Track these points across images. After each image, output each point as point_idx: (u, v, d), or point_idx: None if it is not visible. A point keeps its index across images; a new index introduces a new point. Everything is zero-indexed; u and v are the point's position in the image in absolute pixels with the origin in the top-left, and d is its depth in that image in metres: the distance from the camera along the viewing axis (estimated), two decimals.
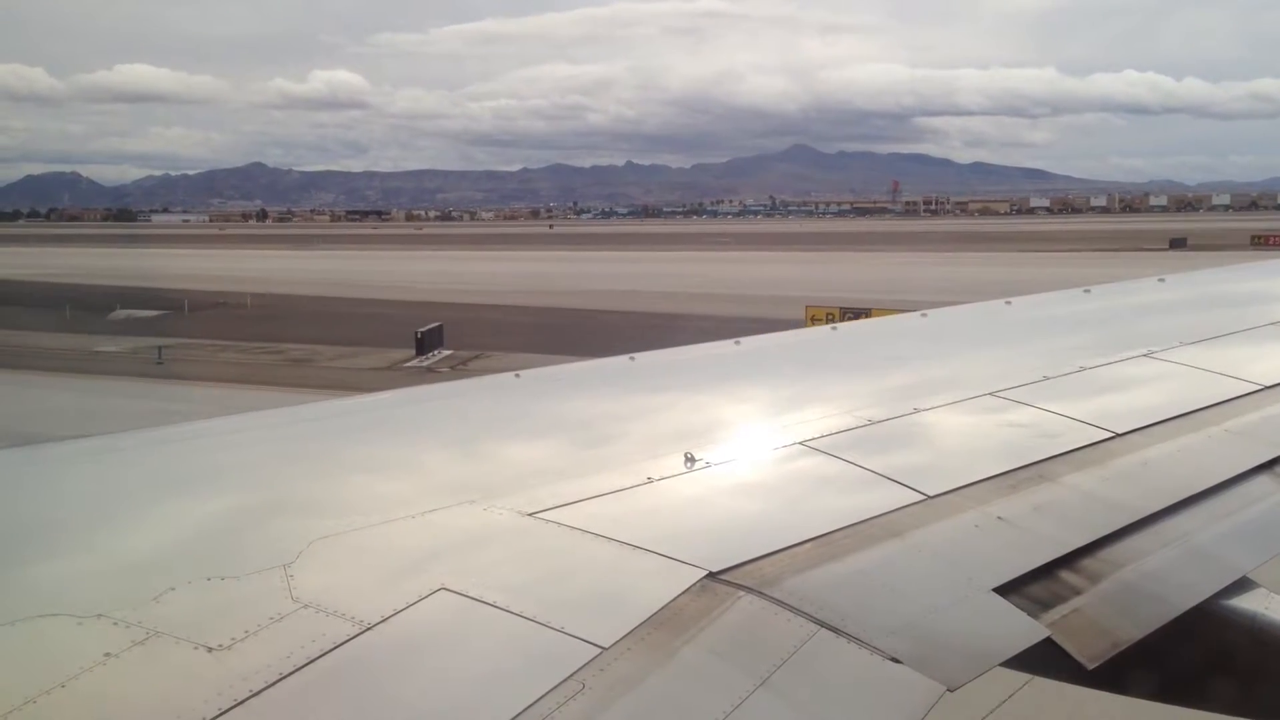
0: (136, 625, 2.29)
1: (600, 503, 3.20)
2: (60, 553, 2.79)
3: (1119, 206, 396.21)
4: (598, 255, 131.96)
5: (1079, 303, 7.82)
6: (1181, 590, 3.39)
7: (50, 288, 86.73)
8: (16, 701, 2.02)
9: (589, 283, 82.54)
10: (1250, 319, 6.73)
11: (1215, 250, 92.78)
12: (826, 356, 6.00)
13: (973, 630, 2.91)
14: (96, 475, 3.53)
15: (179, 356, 48.05)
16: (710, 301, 61.48)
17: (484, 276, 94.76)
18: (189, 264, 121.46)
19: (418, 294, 76.87)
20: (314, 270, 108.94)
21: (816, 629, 2.68)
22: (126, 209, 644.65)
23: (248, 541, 2.86)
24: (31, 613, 2.33)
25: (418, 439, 4.04)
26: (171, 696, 2.12)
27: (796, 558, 3.01)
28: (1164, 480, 4.03)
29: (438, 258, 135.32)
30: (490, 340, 49.02)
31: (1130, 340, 5.94)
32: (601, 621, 2.53)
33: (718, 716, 2.33)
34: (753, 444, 3.92)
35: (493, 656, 2.42)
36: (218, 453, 3.79)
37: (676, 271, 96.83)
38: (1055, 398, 4.70)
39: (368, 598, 2.51)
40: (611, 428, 4.27)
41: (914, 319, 7.13)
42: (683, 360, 5.76)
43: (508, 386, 4.92)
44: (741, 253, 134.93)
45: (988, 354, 6.08)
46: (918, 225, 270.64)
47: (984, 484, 3.71)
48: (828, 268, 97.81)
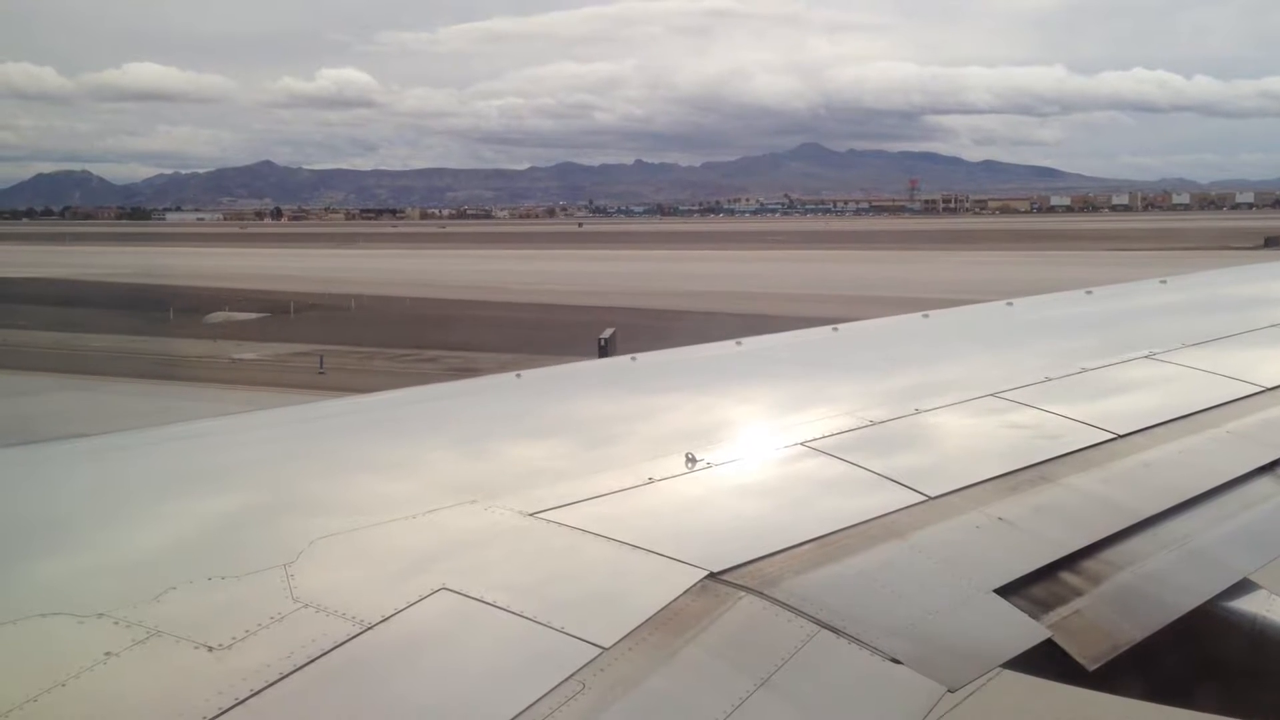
0: (137, 624, 2.30)
1: (601, 503, 3.19)
2: (62, 552, 2.80)
3: (1140, 205, 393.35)
4: (666, 254, 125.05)
5: (1081, 304, 7.82)
6: (1182, 592, 3.40)
7: (121, 288, 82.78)
8: (18, 700, 2.04)
9: (691, 283, 77.90)
10: (1252, 321, 6.70)
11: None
12: (828, 357, 5.99)
13: (973, 631, 2.92)
14: (98, 475, 3.53)
15: (332, 365, 43.59)
16: (850, 304, 58.45)
17: (572, 276, 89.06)
18: (242, 262, 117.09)
19: (515, 294, 72.60)
20: (386, 270, 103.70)
21: (817, 630, 2.69)
22: (140, 208, 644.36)
23: (248, 541, 2.87)
24: (33, 612, 2.34)
25: (419, 439, 4.05)
26: (172, 695, 2.13)
27: (797, 558, 3.01)
28: (1165, 482, 4.04)
29: (500, 257, 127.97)
30: (660, 346, 45.56)
31: (1132, 342, 5.93)
32: (602, 622, 2.53)
33: (718, 717, 2.33)
34: (754, 445, 3.91)
35: (493, 656, 2.43)
36: (218, 452, 3.79)
37: (772, 272, 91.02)
38: (1057, 399, 4.68)
39: (368, 597, 2.51)
40: (613, 428, 4.27)
41: (916, 320, 7.08)
42: (684, 361, 5.80)
43: (509, 387, 4.93)
44: (808, 251, 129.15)
45: (990, 355, 6.08)
46: (961, 223, 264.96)
47: (985, 485, 3.71)
48: (914, 267, 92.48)
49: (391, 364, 45.74)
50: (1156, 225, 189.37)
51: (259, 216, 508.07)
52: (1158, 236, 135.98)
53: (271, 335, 55.06)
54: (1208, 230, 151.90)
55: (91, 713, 2.07)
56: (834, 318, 7.23)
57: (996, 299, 7.83)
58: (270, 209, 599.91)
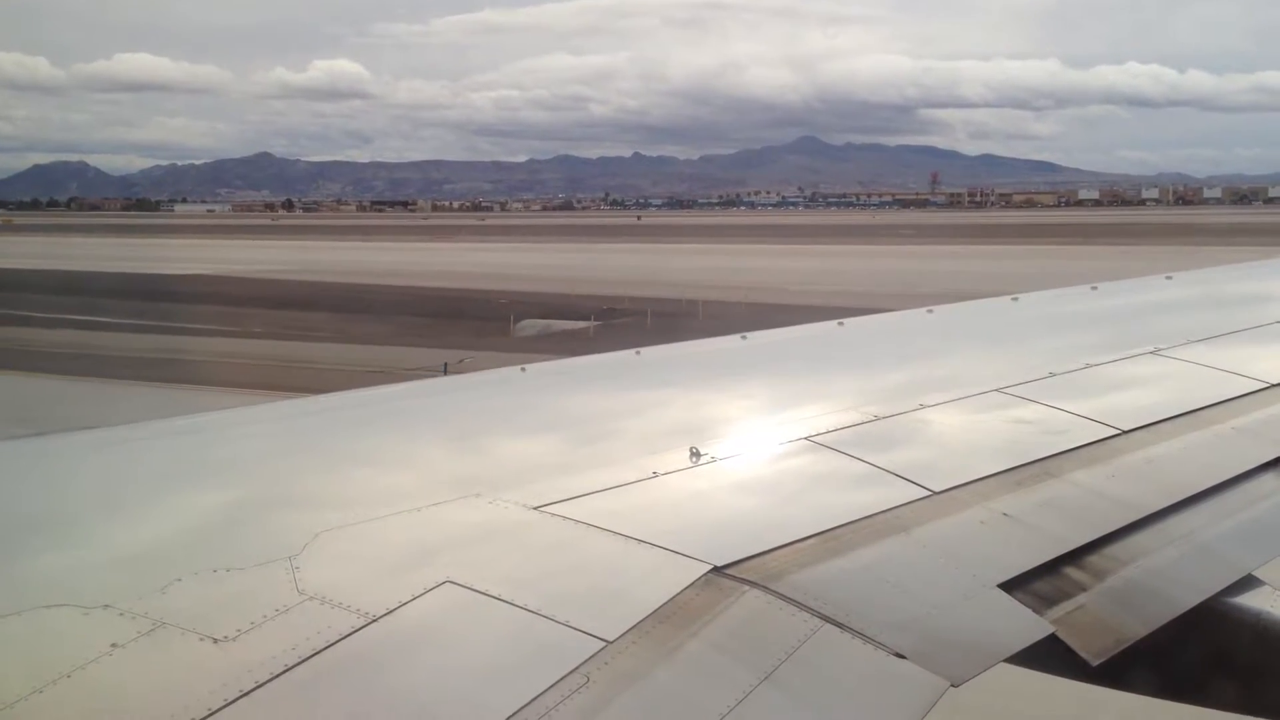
0: (143, 616, 2.31)
1: (605, 497, 3.19)
2: (67, 544, 2.80)
3: (1172, 199, 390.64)
4: (767, 249, 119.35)
5: (1086, 300, 7.80)
6: (1187, 588, 3.39)
7: (338, 289, 74.93)
8: (24, 691, 2.05)
9: (831, 281, 70.42)
10: (1257, 317, 6.69)
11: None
12: (833, 352, 5.95)
13: (977, 626, 2.92)
14: (103, 467, 3.53)
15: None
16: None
17: (812, 274, 78.93)
18: (365, 257, 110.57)
19: (796, 295, 61.27)
20: (605, 266, 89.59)
21: (821, 624, 2.68)
22: (146, 199, 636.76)
23: (254, 534, 2.88)
24: (39, 603, 2.35)
25: (423, 433, 4.04)
26: (177, 687, 2.13)
27: (801, 553, 3.00)
28: (1170, 478, 4.03)
29: (659, 252, 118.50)
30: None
31: (1137, 338, 5.91)
32: (606, 615, 2.53)
33: (722, 711, 2.33)
34: (758, 439, 3.89)
35: (497, 649, 2.43)
36: (224, 445, 3.79)
37: (901, 268, 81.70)
38: (1062, 395, 4.66)
39: (373, 590, 2.51)
40: (617, 422, 4.27)
41: (920, 315, 6.98)
42: (688, 355, 5.78)
43: (513, 381, 4.91)
44: (895, 246, 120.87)
45: (994, 350, 6.06)
46: (1012, 217, 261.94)
47: (990, 480, 3.70)
48: (1044, 262, 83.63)
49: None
50: (1212, 220, 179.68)
51: (269, 209, 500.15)
52: (1225, 232, 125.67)
53: (607, 346, 47.84)
54: (1264, 225, 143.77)
55: (97, 704, 2.08)
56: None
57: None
58: (282, 201, 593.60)
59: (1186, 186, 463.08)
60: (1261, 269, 10.44)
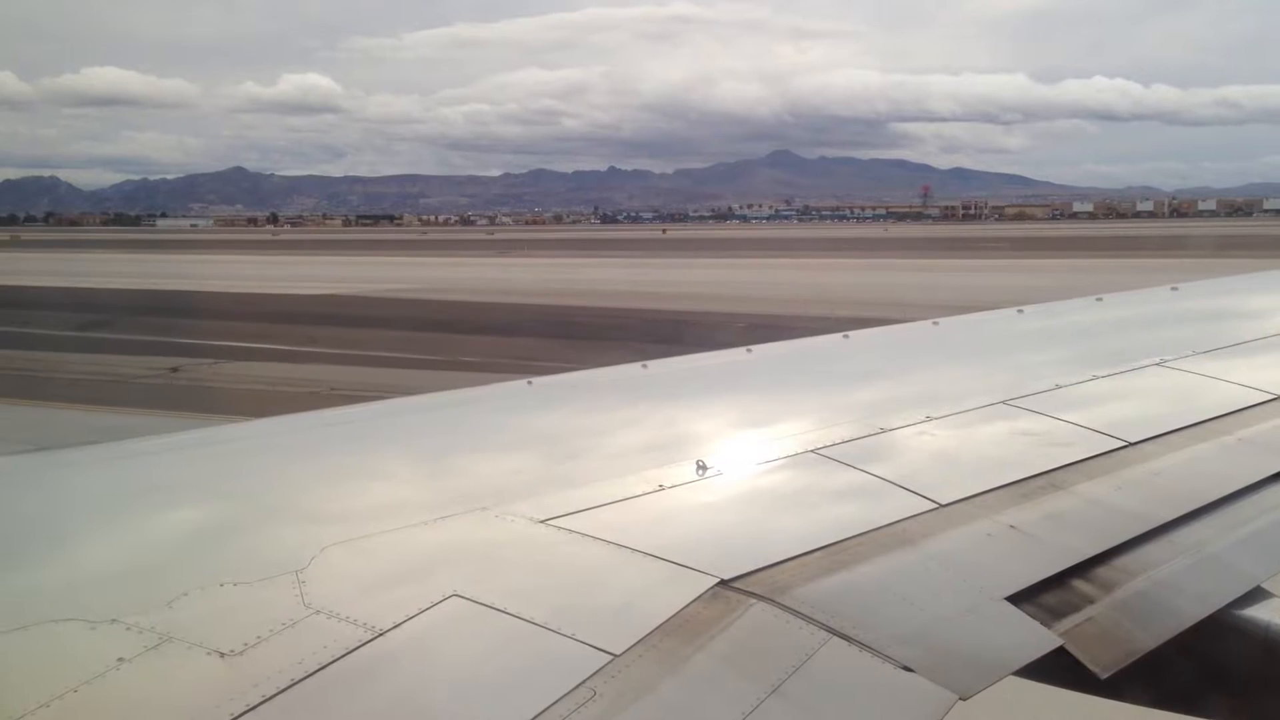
0: (149, 630, 2.31)
1: (612, 510, 3.19)
2: (74, 557, 2.81)
3: (1167, 212, 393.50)
4: (848, 263, 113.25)
5: (1091, 311, 7.77)
6: (1195, 600, 3.38)
7: (483, 308, 66.78)
8: (30, 705, 2.04)
9: (933, 294, 65.09)
10: (1264, 328, 6.67)
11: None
12: (838, 365, 5.95)
13: (985, 639, 2.91)
14: (110, 481, 3.54)
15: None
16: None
17: (832, 288, 74.11)
18: (411, 274, 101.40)
19: (948, 308, 60.94)
20: (716, 281, 79.85)
21: (828, 637, 2.69)
22: (123, 213, 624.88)
23: (260, 547, 2.88)
24: (45, 617, 2.35)
25: (430, 446, 4.04)
26: (184, 701, 2.14)
27: (808, 566, 3.01)
28: (1177, 489, 4.01)
29: (726, 266, 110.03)
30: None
31: (1143, 349, 5.86)
32: (613, 629, 2.54)
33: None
34: (764, 451, 3.88)
35: (504, 663, 2.43)
36: (231, 459, 3.80)
37: (980, 284, 78.02)
38: (1068, 406, 4.64)
39: (379, 604, 2.52)
40: (623, 435, 4.26)
41: (926, 327, 7.02)
42: (694, 368, 5.78)
43: (520, 394, 4.90)
44: (949, 260, 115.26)
45: (1000, 362, 6.04)
46: (1019, 230, 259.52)
47: (996, 492, 3.69)
48: (1107, 276, 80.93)
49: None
50: (1217, 231, 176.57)
51: (251, 223, 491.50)
52: (1237, 244, 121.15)
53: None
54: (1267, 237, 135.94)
55: (104, 718, 2.08)
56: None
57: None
58: (267, 215, 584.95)
59: (1183, 200, 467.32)
60: (1268, 279, 10.27)
